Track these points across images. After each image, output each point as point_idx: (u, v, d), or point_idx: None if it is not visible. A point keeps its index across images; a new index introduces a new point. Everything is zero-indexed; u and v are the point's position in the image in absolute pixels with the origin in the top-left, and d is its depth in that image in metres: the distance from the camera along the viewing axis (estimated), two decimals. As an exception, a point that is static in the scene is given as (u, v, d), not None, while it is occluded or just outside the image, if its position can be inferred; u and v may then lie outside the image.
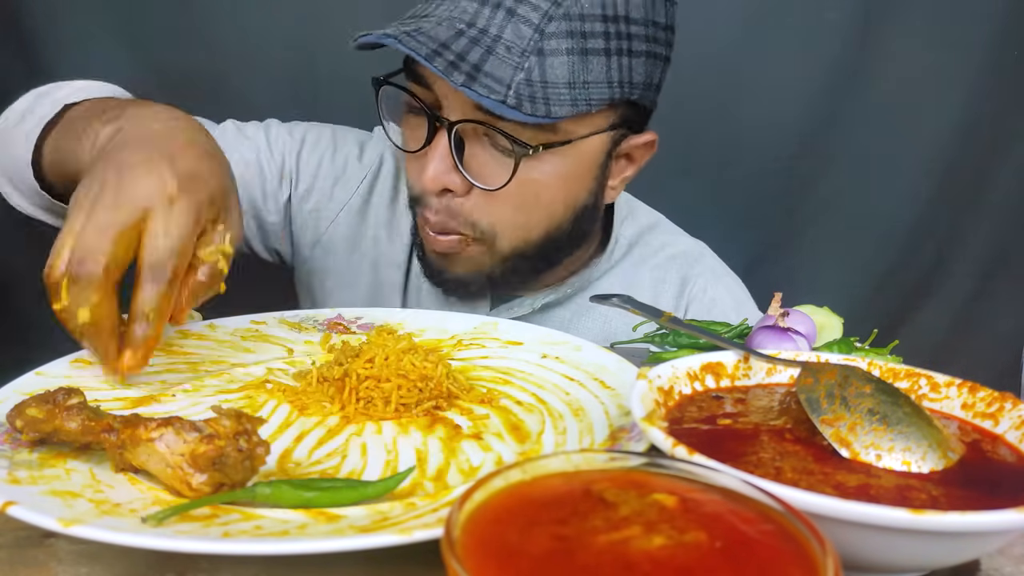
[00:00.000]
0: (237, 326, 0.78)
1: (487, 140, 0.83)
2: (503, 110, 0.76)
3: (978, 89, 1.51)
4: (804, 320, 0.70)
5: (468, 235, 0.87)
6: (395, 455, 0.56)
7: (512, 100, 0.76)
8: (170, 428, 0.48)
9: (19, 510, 0.42)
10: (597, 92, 0.80)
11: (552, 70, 0.77)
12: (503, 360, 0.74)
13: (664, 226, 1.12)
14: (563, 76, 0.78)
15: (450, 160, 0.82)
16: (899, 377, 0.58)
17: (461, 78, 0.75)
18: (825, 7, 1.46)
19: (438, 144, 0.82)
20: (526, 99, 0.76)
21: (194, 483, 0.47)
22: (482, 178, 0.83)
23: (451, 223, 0.86)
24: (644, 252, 1.06)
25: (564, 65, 0.77)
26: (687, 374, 0.57)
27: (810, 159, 1.55)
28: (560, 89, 0.78)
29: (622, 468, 0.37)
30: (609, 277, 1.03)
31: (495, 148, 0.83)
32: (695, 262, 1.07)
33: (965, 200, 1.59)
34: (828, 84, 1.50)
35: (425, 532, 0.41)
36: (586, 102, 0.79)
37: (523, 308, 0.99)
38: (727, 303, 1.04)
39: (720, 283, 1.06)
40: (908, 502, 0.43)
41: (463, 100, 0.79)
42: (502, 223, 0.86)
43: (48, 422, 0.50)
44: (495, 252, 0.88)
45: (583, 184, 0.88)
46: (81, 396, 0.52)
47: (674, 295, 1.04)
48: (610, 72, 0.80)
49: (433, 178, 0.82)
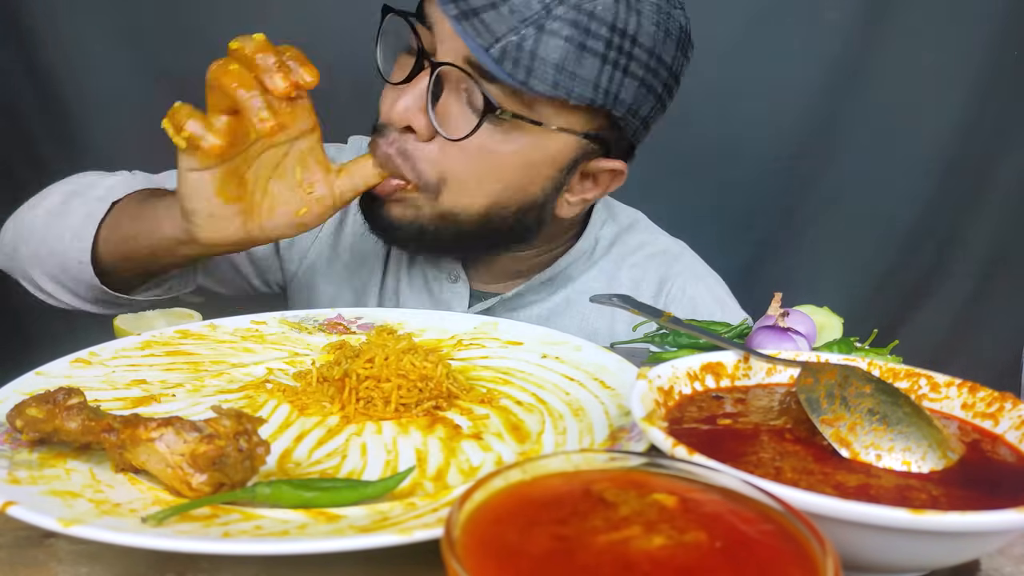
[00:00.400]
0: (237, 326, 0.78)
1: (465, 96, 0.83)
2: (483, 57, 0.77)
3: (978, 89, 1.52)
4: (804, 320, 0.70)
5: (410, 180, 0.85)
6: (395, 455, 0.56)
7: (496, 53, 0.77)
8: (170, 428, 0.48)
9: (19, 510, 0.42)
10: (581, 88, 0.80)
11: (545, 48, 0.77)
12: (503, 360, 0.74)
13: (643, 224, 1.12)
14: (554, 58, 0.78)
15: (423, 101, 0.82)
16: (899, 377, 0.58)
17: (455, 11, 0.76)
18: (825, 7, 1.46)
19: (418, 82, 0.82)
20: (509, 59, 0.77)
21: (194, 483, 0.47)
22: (447, 127, 0.82)
23: (399, 163, 0.84)
24: (623, 251, 1.06)
25: (558, 49, 0.78)
26: (687, 374, 0.57)
27: (810, 159, 1.55)
28: (547, 68, 0.78)
29: (622, 468, 0.37)
30: (587, 276, 1.04)
31: (470, 107, 0.83)
32: (674, 261, 1.07)
33: (965, 200, 1.59)
34: (828, 84, 1.50)
35: (425, 532, 0.41)
36: (567, 91, 0.79)
37: (494, 301, 1.00)
38: (708, 302, 1.04)
39: (700, 283, 1.06)
40: (908, 502, 0.43)
41: (456, 49, 0.80)
42: (451, 178, 0.85)
43: (48, 422, 0.50)
44: (437, 205, 0.87)
45: (539, 177, 0.88)
46: (81, 396, 0.52)
47: (652, 294, 1.04)
48: (600, 76, 0.80)
49: (402, 111, 0.82)
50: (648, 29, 0.80)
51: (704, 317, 0.95)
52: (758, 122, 1.51)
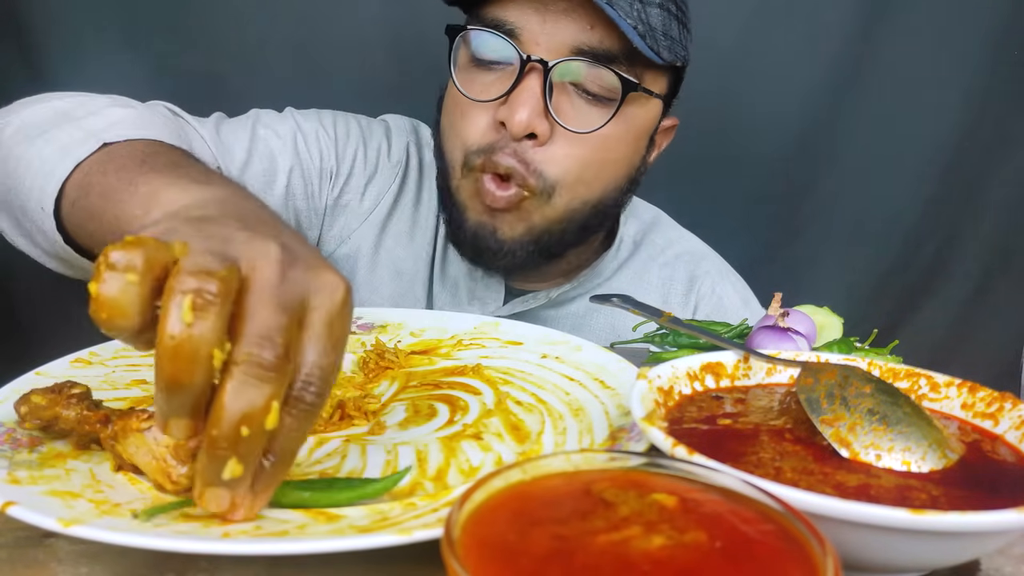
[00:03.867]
0: (237, 326, 0.77)
1: (571, 88, 0.83)
2: (634, 37, 0.78)
3: (978, 89, 1.52)
4: (804, 320, 0.70)
5: (531, 186, 0.84)
6: (395, 455, 0.56)
7: (642, 31, 0.79)
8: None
9: (19, 510, 0.42)
10: (679, 50, 0.84)
11: (653, 18, 0.80)
12: (503, 360, 0.74)
13: (665, 222, 1.12)
14: (660, 26, 0.81)
15: (541, 103, 0.81)
16: (899, 377, 0.58)
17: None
18: (825, 7, 1.46)
19: (528, 87, 0.81)
20: (648, 35, 0.80)
21: (174, 475, 0.46)
22: (570, 124, 0.83)
23: (519, 169, 0.84)
24: (651, 251, 1.06)
25: (659, 17, 0.81)
26: (687, 374, 0.57)
27: (810, 159, 1.55)
28: (659, 36, 0.81)
29: (622, 468, 0.37)
30: (619, 276, 1.03)
31: (580, 97, 0.83)
32: (701, 260, 1.07)
33: (965, 200, 1.59)
34: (828, 84, 1.50)
35: (425, 532, 0.41)
36: (676, 55, 0.83)
37: (537, 300, 0.99)
38: (735, 301, 1.04)
39: (726, 281, 1.07)
40: (908, 502, 0.43)
41: (560, 43, 0.81)
42: (569, 175, 0.85)
43: (49, 409, 0.51)
44: (549, 210, 0.86)
45: (640, 148, 0.90)
46: (84, 388, 0.53)
47: (682, 293, 1.04)
48: (682, 35, 0.85)
49: (525, 120, 0.81)
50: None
51: (731, 315, 0.95)
52: (758, 122, 1.51)
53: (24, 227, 0.74)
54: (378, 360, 0.71)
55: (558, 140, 0.83)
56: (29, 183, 0.69)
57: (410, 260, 1.02)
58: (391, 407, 0.64)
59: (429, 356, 0.75)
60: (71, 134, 0.69)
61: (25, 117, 0.74)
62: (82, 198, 0.65)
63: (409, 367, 0.73)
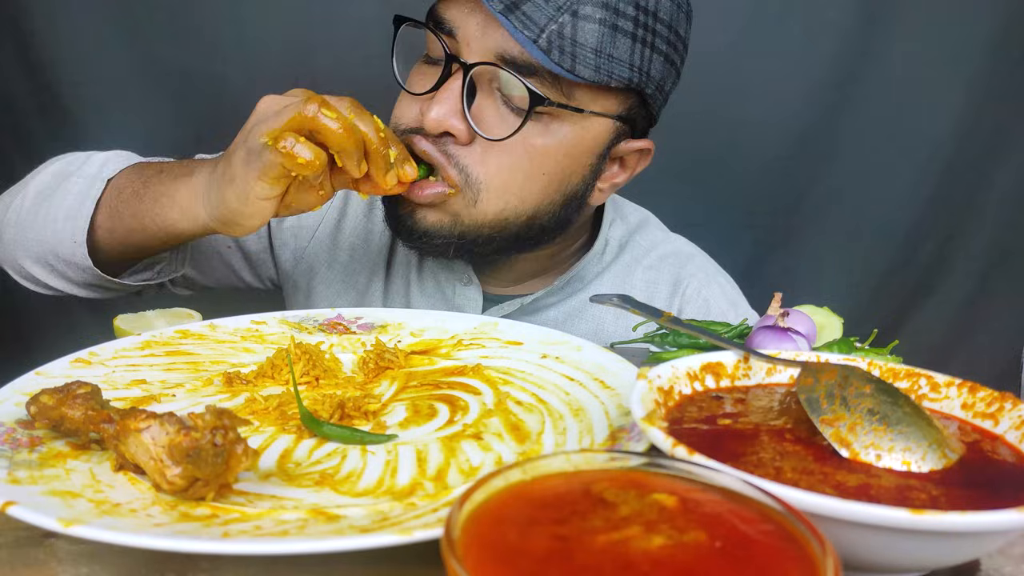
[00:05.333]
0: (237, 326, 0.78)
1: (498, 95, 0.83)
2: (533, 50, 0.77)
3: (978, 89, 1.52)
4: (804, 320, 0.70)
5: (452, 179, 0.84)
6: (395, 455, 0.56)
7: (543, 43, 0.77)
8: (157, 420, 0.48)
9: (19, 510, 0.42)
10: (619, 69, 0.81)
11: (583, 33, 0.78)
12: (503, 360, 0.74)
13: (652, 224, 1.12)
14: (592, 42, 0.79)
15: (459, 104, 0.81)
16: (899, 377, 0.57)
17: (500, 6, 0.76)
18: (825, 7, 1.46)
19: (449, 86, 0.82)
20: (556, 48, 0.78)
21: (168, 475, 0.47)
22: (485, 130, 0.82)
23: (438, 159, 0.83)
24: (635, 253, 1.05)
25: (594, 32, 0.78)
26: (687, 374, 0.56)
27: (810, 159, 1.55)
28: (587, 52, 0.79)
29: (622, 468, 0.37)
30: (602, 279, 1.03)
31: (505, 105, 0.83)
32: (687, 261, 1.07)
33: (965, 200, 1.59)
34: (828, 84, 1.50)
35: (425, 532, 0.41)
36: (608, 74, 0.80)
37: (513, 306, 0.99)
38: (722, 304, 1.03)
39: (713, 283, 1.06)
40: (908, 502, 0.43)
41: (486, 48, 0.80)
42: (495, 179, 0.84)
43: (56, 408, 0.52)
44: (477, 213, 0.86)
45: (580, 166, 0.88)
46: (91, 387, 0.53)
47: (667, 296, 1.04)
48: (633, 56, 0.81)
49: (439, 117, 0.81)
50: (665, 4, 0.82)
51: (717, 318, 0.95)
52: (758, 122, 1.51)
53: (58, 269, 0.90)
54: (378, 360, 0.71)
55: (481, 143, 0.83)
56: (57, 228, 0.86)
57: (369, 263, 1.05)
58: (391, 407, 0.64)
59: (429, 356, 0.75)
60: (76, 183, 0.88)
61: (35, 187, 0.91)
62: (108, 220, 0.86)
63: (409, 367, 0.73)
